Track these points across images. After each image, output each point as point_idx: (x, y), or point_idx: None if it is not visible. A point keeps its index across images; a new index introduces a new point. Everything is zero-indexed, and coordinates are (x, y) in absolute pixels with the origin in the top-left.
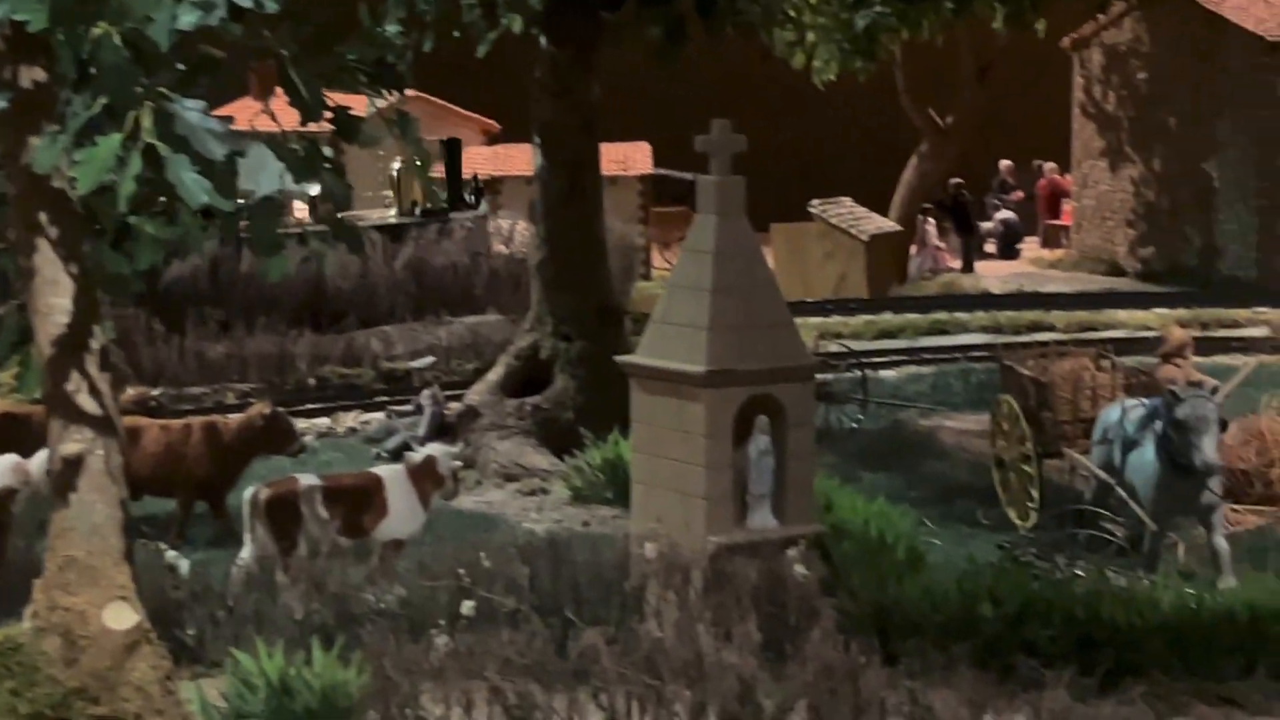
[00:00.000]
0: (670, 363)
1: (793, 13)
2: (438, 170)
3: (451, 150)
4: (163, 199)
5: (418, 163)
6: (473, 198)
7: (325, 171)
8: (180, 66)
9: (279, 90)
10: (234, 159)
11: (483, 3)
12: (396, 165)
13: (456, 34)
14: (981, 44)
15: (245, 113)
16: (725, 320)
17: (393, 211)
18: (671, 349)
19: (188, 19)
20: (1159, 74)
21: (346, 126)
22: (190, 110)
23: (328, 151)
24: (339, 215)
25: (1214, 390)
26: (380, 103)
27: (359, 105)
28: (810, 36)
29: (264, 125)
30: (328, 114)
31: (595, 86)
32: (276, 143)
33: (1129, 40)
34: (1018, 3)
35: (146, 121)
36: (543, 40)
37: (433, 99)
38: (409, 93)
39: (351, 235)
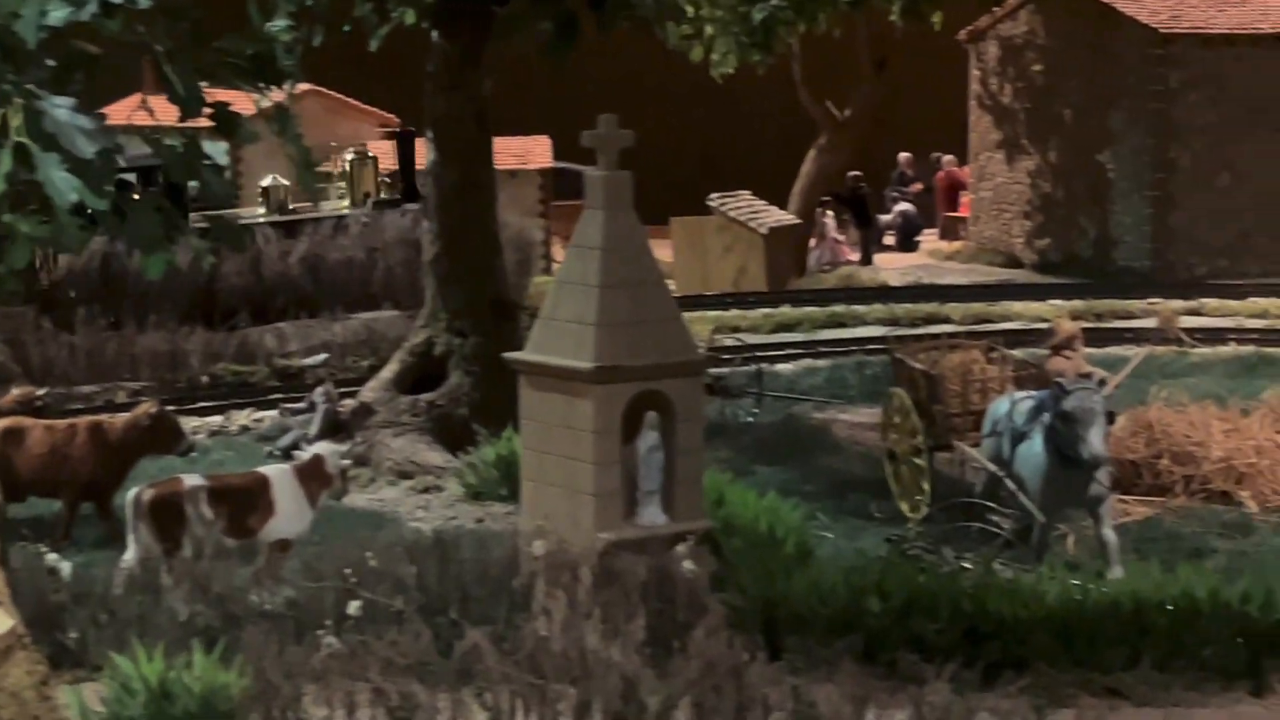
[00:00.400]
0: (558, 359)
1: (690, 8)
2: (389, 164)
3: (404, 143)
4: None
5: (301, 159)
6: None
7: (206, 169)
8: (51, 63)
9: None
10: (110, 156)
11: None
12: (349, 156)
13: (347, 28)
14: (879, 37)
15: (127, 109)
16: (613, 316)
17: (345, 203)
18: (560, 345)
19: (57, 15)
20: (1054, 66)
21: (226, 123)
22: (59, 108)
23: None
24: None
25: (1101, 382)
26: (271, 98)
27: (249, 101)
28: (708, 30)
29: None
30: (207, 110)
31: (487, 80)
32: (154, 139)
33: (1024, 33)
34: None
35: (15, 120)
36: (434, 34)
37: (330, 93)
38: (304, 87)
39: (232, 234)
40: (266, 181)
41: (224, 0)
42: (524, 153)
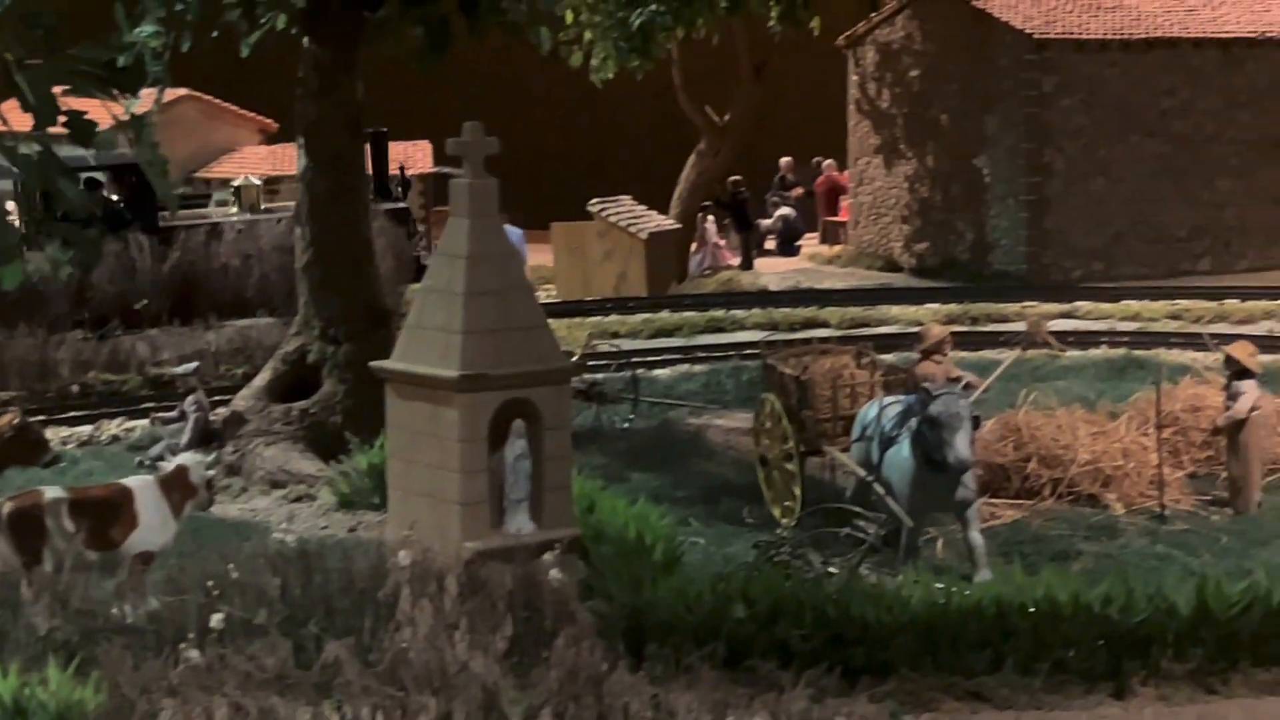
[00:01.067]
0: (424, 368)
1: (570, 13)
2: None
3: (377, 143)
4: None
5: (155, 166)
6: (399, 189)
7: (60, 176)
8: None
9: None
10: None
11: (242, 2)
12: None
13: (215, 34)
14: (758, 41)
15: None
16: (479, 324)
17: None
18: (426, 354)
19: None
20: (931, 71)
21: (81, 131)
22: None
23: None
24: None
25: (966, 386)
26: (140, 105)
27: (117, 109)
28: (587, 35)
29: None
30: (62, 118)
31: (359, 85)
32: (5, 146)
33: (901, 38)
34: (790, 0)
35: None
36: (305, 39)
37: (206, 98)
38: (181, 92)
39: (88, 247)
40: (239, 181)
41: (88, 7)
42: (404, 158)
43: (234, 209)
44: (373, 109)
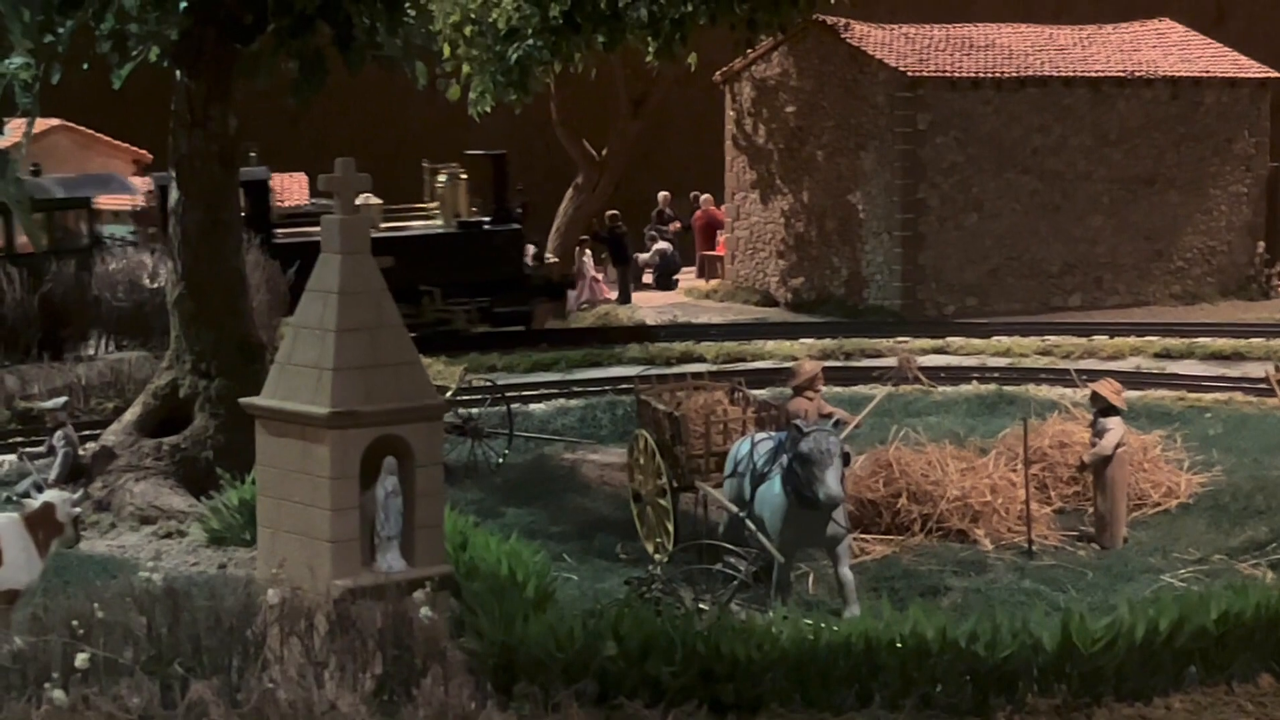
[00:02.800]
0: (295, 405)
1: (447, 47)
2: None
3: (498, 165)
4: None
5: (18, 202)
6: (519, 210)
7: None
8: None
9: None
10: None
11: (114, 34)
12: (442, 178)
13: (86, 66)
14: (635, 76)
15: None
16: (350, 360)
17: (439, 223)
18: (296, 390)
19: None
20: (807, 107)
21: None
22: None
23: None
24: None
25: (836, 423)
26: (6, 139)
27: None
28: (465, 69)
29: None
30: None
31: (233, 118)
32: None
33: (778, 74)
34: (667, 36)
35: None
36: (178, 72)
37: (80, 128)
38: (54, 122)
39: None
40: (358, 200)
41: None
42: (280, 190)
43: None
44: (252, 141)
